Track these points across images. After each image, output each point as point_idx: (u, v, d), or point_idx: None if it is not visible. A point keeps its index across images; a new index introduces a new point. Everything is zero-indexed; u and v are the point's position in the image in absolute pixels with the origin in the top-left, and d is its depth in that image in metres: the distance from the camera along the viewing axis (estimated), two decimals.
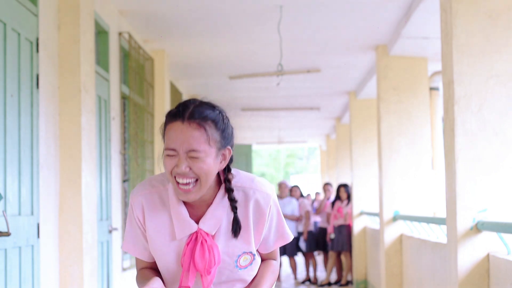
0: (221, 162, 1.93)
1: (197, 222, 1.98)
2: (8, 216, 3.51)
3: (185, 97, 10.16)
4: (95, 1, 5.05)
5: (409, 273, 6.94)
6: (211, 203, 1.97)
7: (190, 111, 1.88)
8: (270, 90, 10.34)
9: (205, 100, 1.94)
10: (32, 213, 3.90)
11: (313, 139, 19.63)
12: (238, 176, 2.01)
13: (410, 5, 5.96)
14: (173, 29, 6.75)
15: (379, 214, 7.80)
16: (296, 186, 12.14)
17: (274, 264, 2.15)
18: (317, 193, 15.40)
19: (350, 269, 10.95)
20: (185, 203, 1.97)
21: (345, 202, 10.88)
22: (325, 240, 11.51)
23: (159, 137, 6.79)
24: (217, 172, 1.93)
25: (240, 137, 17.73)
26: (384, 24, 6.64)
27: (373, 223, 9.69)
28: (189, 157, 1.87)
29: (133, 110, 6.41)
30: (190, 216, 1.97)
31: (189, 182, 1.88)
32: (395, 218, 7.30)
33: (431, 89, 8.30)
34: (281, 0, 5.87)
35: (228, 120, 1.95)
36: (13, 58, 3.70)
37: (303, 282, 11.48)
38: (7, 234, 3.39)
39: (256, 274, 2.10)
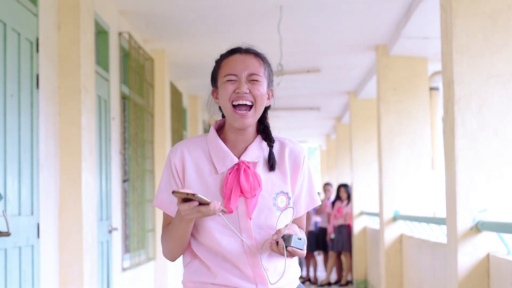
0: (268, 99, 2.13)
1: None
2: (8, 216, 3.51)
3: (185, 97, 10.16)
4: (95, 1, 5.05)
5: (409, 273, 6.94)
6: (251, 143, 2.10)
7: (246, 47, 2.11)
8: None
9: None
10: (32, 213, 3.90)
11: (313, 139, 19.64)
12: (274, 134, 2.16)
13: (410, 5, 5.96)
14: (173, 29, 6.75)
15: (379, 214, 7.80)
16: None
17: (302, 230, 2.20)
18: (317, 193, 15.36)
19: (350, 269, 10.95)
20: (225, 143, 2.09)
21: (345, 202, 10.88)
22: (325, 240, 11.51)
23: (159, 137, 6.75)
24: (265, 106, 2.10)
25: None
26: (384, 24, 6.64)
27: (373, 223, 9.69)
28: (248, 81, 2.05)
29: (133, 110, 6.41)
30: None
31: (247, 105, 2.04)
32: (395, 218, 7.30)
33: (431, 89, 8.30)
34: (281, 0, 5.87)
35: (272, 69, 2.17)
36: (13, 58, 3.70)
37: (303, 282, 11.49)
38: (7, 234, 3.39)
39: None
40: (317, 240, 11.61)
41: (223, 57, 2.11)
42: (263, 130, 2.13)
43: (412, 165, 7.26)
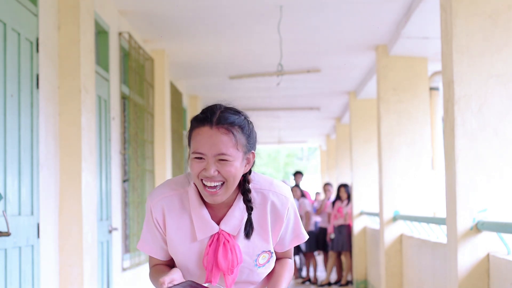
0: (245, 166, 1.99)
1: (217, 223, 2.02)
2: (8, 216, 3.51)
3: (185, 97, 10.16)
4: (95, 1, 5.05)
5: (409, 273, 6.94)
6: (232, 205, 2.02)
7: (218, 117, 1.93)
8: (270, 90, 10.34)
9: (229, 105, 1.99)
10: (32, 213, 3.90)
11: (313, 139, 19.63)
12: (257, 179, 2.06)
13: (410, 5, 5.96)
14: (173, 29, 6.75)
15: (379, 214, 7.80)
16: (296, 186, 12.14)
17: (290, 262, 2.20)
18: (317, 193, 15.40)
19: (350, 269, 10.95)
20: (205, 205, 2.01)
21: (345, 202, 10.88)
22: (325, 240, 11.51)
23: (159, 137, 6.76)
24: (242, 175, 1.98)
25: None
26: (384, 24, 6.64)
27: (373, 223, 9.69)
28: (217, 160, 1.92)
29: (133, 110, 6.41)
30: (211, 216, 2.02)
31: (216, 185, 1.93)
32: (395, 218, 7.30)
33: (431, 89, 8.30)
34: (281, 0, 5.87)
35: (252, 125, 2.02)
36: (13, 58, 3.70)
37: (303, 282, 11.49)
38: (7, 234, 3.39)
39: (273, 272, 2.15)
40: (317, 240, 11.61)
41: (195, 125, 1.95)
42: (244, 192, 2.02)
43: (412, 165, 7.26)
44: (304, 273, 12.13)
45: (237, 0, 5.88)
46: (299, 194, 11.86)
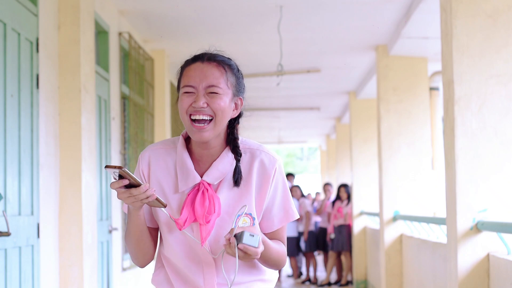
0: (234, 110, 1.98)
1: (201, 176, 1.98)
2: (8, 216, 3.51)
3: None
4: (95, 1, 5.05)
5: (409, 273, 6.94)
6: (217, 158, 1.98)
7: (209, 54, 1.97)
8: (270, 90, 10.34)
9: (221, 52, 2.03)
10: (32, 213, 3.90)
11: (313, 139, 19.63)
12: (246, 141, 2.04)
13: (410, 5, 5.96)
14: (173, 29, 6.75)
15: (379, 214, 7.80)
16: (297, 186, 12.15)
17: (281, 244, 2.07)
18: (317, 193, 15.40)
19: (350, 269, 10.95)
20: (191, 158, 1.99)
21: (345, 202, 10.89)
22: (325, 240, 11.51)
23: (159, 137, 6.76)
24: (229, 118, 1.97)
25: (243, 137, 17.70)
26: (384, 24, 6.64)
27: (373, 223, 9.69)
28: (207, 93, 1.92)
29: (133, 110, 6.41)
30: (195, 170, 1.99)
31: (204, 119, 1.91)
32: (395, 218, 7.30)
33: (431, 89, 8.30)
34: (281, 0, 5.87)
35: (242, 74, 2.04)
36: (13, 58, 3.70)
37: (303, 282, 11.49)
38: (7, 234, 3.39)
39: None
40: (317, 240, 11.61)
41: (185, 64, 1.99)
42: (231, 141, 1.99)
43: (412, 165, 7.26)
44: (304, 273, 12.13)
45: (237, 0, 5.88)
46: (299, 194, 11.86)
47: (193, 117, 1.91)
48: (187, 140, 2.03)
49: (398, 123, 7.30)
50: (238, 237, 1.84)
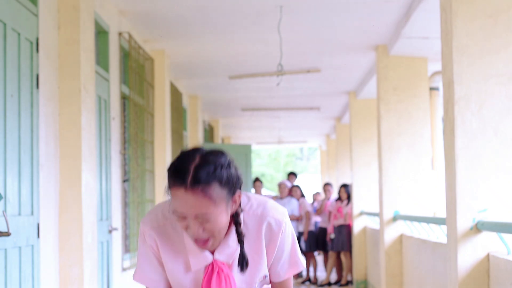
0: (232, 207, 1.92)
1: (212, 253, 1.98)
2: (8, 216, 3.51)
3: (185, 97, 10.16)
4: (95, 1, 5.05)
5: (409, 273, 6.94)
6: (225, 234, 1.96)
7: (192, 177, 1.82)
8: (270, 90, 10.34)
9: (204, 150, 1.89)
10: (32, 213, 3.90)
11: (313, 139, 19.63)
12: (250, 203, 2.00)
13: (410, 5, 5.96)
14: (173, 29, 6.75)
15: (379, 214, 7.80)
16: (297, 186, 12.14)
17: None
18: (317, 193, 15.41)
19: (350, 269, 10.95)
20: None
21: (345, 202, 10.90)
22: (325, 240, 11.51)
23: (159, 137, 6.76)
24: (229, 219, 1.93)
25: (240, 137, 17.73)
26: (384, 24, 6.64)
27: (373, 223, 9.69)
28: (200, 220, 1.86)
29: (133, 110, 6.41)
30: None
31: (204, 240, 1.90)
32: (395, 218, 7.30)
33: (431, 89, 8.30)
34: (281, 0, 5.87)
35: (232, 164, 1.90)
36: (13, 58, 3.70)
37: (303, 282, 11.49)
38: (7, 234, 3.39)
39: None
40: (317, 240, 11.61)
41: (170, 182, 1.86)
42: (235, 222, 1.97)
43: (412, 165, 7.26)
44: (304, 273, 12.13)
45: (237, 0, 5.88)
46: (299, 194, 11.85)
47: (192, 238, 1.91)
48: None
49: (398, 123, 7.30)
50: None
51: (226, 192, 1.86)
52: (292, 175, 13.02)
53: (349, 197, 10.86)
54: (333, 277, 11.70)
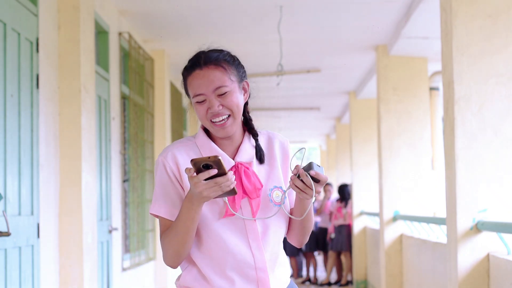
0: (244, 95, 2.10)
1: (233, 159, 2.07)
2: (8, 216, 3.51)
3: (185, 97, 10.15)
4: (95, 1, 5.05)
5: (409, 273, 6.94)
6: (241, 143, 2.08)
7: (204, 58, 2.03)
8: (270, 90, 10.34)
9: (210, 47, 2.09)
10: (32, 213, 3.90)
11: (313, 139, 19.63)
12: (260, 128, 2.17)
13: (410, 5, 5.96)
14: (173, 29, 6.75)
15: (379, 214, 7.80)
16: None
17: None
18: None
19: (350, 269, 10.95)
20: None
21: (344, 202, 10.93)
22: (325, 240, 11.51)
23: (159, 137, 6.76)
24: (243, 104, 2.08)
25: None
26: (384, 24, 6.64)
27: (373, 223, 9.69)
28: (217, 96, 2.00)
29: (133, 110, 6.41)
30: None
31: (224, 119, 2.01)
32: (395, 218, 7.30)
33: (431, 89, 8.30)
34: (281, 0, 5.87)
35: (238, 58, 2.11)
36: (13, 58, 3.70)
37: (303, 282, 11.49)
38: (7, 234, 3.39)
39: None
40: (317, 240, 11.61)
41: (186, 72, 2.06)
42: (246, 123, 2.12)
43: (412, 165, 7.26)
44: (304, 273, 12.13)
45: (237, 0, 5.88)
46: None
47: (213, 120, 2.01)
48: (205, 131, 2.11)
49: (398, 123, 7.30)
50: (306, 168, 1.96)
51: (236, 71, 2.06)
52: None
53: (345, 197, 10.89)
54: (333, 277, 11.70)
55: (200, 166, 1.85)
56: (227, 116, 2.01)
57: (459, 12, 4.02)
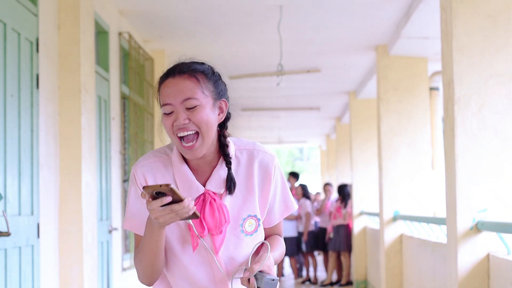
0: (219, 115, 1.94)
1: (203, 186, 1.95)
2: (8, 216, 3.51)
3: None
4: (95, 1, 5.05)
5: (409, 273, 6.94)
6: (215, 166, 1.95)
7: (179, 67, 1.91)
8: (270, 90, 10.35)
9: (193, 59, 1.97)
10: (32, 213, 3.90)
11: (313, 139, 19.63)
12: (240, 141, 2.02)
13: (410, 5, 5.96)
14: (173, 29, 6.75)
15: (379, 214, 7.80)
16: (301, 186, 11.93)
17: (280, 239, 2.09)
18: (317, 193, 15.40)
19: (348, 269, 10.94)
20: (189, 168, 1.95)
21: (343, 202, 10.94)
22: (325, 240, 11.51)
23: (159, 137, 6.72)
24: (216, 125, 1.93)
25: (240, 137, 17.71)
26: (384, 24, 6.64)
27: (373, 223, 9.69)
28: (186, 108, 1.87)
29: (133, 110, 6.41)
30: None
31: (190, 135, 1.87)
32: (395, 218, 7.30)
33: (431, 89, 8.30)
34: (281, 0, 5.87)
35: (219, 75, 1.97)
36: (13, 58, 3.70)
37: (303, 282, 11.49)
38: (7, 234, 3.39)
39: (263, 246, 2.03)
40: (317, 240, 11.61)
41: (160, 81, 1.94)
42: (220, 146, 1.96)
43: (412, 165, 7.26)
44: (304, 273, 12.13)
45: (237, 0, 5.88)
46: (301, 194, 11.79)
47: (179, 135, 1.87)
48: None
49: (398, 123, 7.30)
50: (258, 278, 1.86)
51: (212, 87, 1.91)
52: (291, 176, 12.82)
53: (345, 197, 10.89)
54: (333, 277, 11.70)
55: (153, 193, 1.75)
56: (193, 132, 1.87)
57: (459, 12, 4.02)
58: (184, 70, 1.90)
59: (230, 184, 1.93)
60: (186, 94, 1.87)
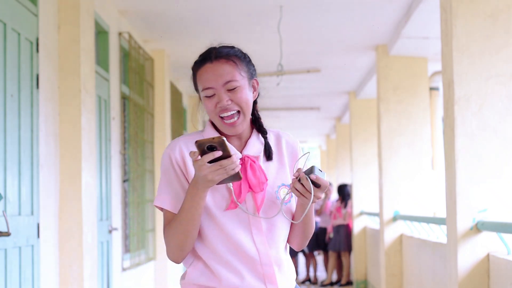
0: (253, 92, 2.08)
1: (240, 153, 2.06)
2: (8, 216, 3.51)
3: (185, 97, 10.16)
4: (95, 1, 5.05)
5: (409, 273, 6.94)
6: (248, 139, 2.07)
7: (215, 53, 2.03)
8: (270, 90, 10.34)
9: (221, 43, 2.09)
10: (32, 213, 3.90)
11: (313, 139, 19.63)
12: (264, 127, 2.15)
13: (410, 5, 5.96)
14: (173, 29, 6.75)
15: (379, 214, 7.80)
16: None
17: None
18: None
19: (348, 269, 10.94)
20: None
21: (343, 202, 10.94)
22: (325, 240, 11.52)
23: (159, 137, 6.77)
24: (252, 102, 2.05)
25: None
26: (384, 24, 6.64)
27: (373, 223, 9.69)
28: (227, 90, 1.99)
29: (133, 110, 6.41)
30: None
31: (233, 114, 1.99)
32: (395, 218, 7.30)
33: (431, 89, 8.30)
34: (281, 0, 5.87)
35: (249, 57, 2.12)
36: (13, 58, 3.70)
37: (303, 282, 11.49)
38: (7, 234, 3.39)
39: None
40: (317, 240, 11.61)
41: (196, 66, 2.05)
42: (254, 121, 2.10)
43: (412, 165, 7.26)
44: (304, 273, 12.13)
45: (237, 0, 5.88)
46: None
47: (222, 115, 2.00)
48: (213, 126, 2.09)
49: (398, 123, 7.30)
50: (308, 172, 1.94)
51: (246, 67, 2.06)
52: None
53: (344, 197, 10.89)
54: (333, 277, 11.70)
55: (205, 148, 1.84)
56: (235, 111, 2.00)
57: (459, 12, 4.02)
58: (221, 55, 2.02)
59: (268, 151, 2.07)
60: (227, 77, 1.99)
